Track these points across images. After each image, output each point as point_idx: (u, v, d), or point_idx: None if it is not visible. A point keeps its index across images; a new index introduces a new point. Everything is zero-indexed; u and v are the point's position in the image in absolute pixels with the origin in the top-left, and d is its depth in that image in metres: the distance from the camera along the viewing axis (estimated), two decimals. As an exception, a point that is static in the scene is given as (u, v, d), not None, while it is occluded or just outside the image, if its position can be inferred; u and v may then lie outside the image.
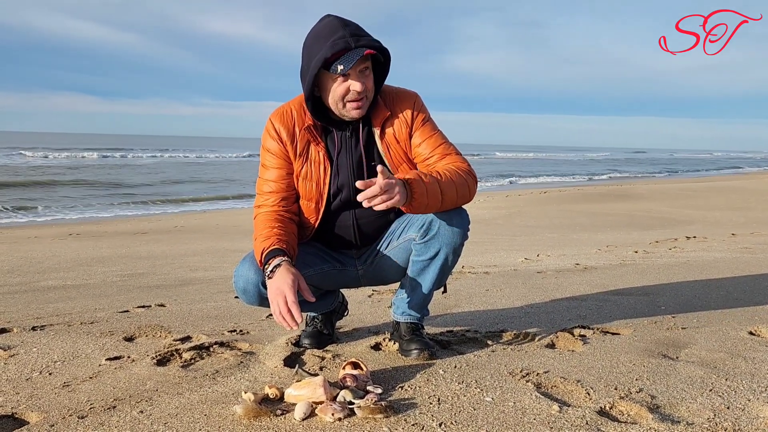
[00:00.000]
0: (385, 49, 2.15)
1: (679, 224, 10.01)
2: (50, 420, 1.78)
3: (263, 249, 2.12)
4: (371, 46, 2.08)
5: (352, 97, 2.15)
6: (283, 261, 2.07)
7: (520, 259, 5.62)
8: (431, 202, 2.08)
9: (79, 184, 20.83)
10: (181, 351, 2.41)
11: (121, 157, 41.96)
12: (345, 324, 2.87)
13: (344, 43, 2.05)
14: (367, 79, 2.16)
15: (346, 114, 2.20)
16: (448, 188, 2.12)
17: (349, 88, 2.13)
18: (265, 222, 2.24)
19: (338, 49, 2.05)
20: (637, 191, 17.39)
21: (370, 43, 2.08)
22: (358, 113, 2.19)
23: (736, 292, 3.70)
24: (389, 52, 2.17)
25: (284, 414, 1.79)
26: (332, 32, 2.08)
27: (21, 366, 2.29)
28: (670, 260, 5.32)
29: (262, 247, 2.14)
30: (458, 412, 1.80)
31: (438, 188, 2.08)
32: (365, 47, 2.06)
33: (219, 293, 3.98)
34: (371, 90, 2.20)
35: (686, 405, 1.84)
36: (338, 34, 2.07)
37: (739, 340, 2.52)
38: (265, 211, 2.28)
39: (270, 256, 2.09)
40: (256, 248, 2.18)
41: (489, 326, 2.84)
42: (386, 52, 2.17)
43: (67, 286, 4.44)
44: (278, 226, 2.22)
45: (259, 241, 2.18)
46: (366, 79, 2.15)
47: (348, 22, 2.12)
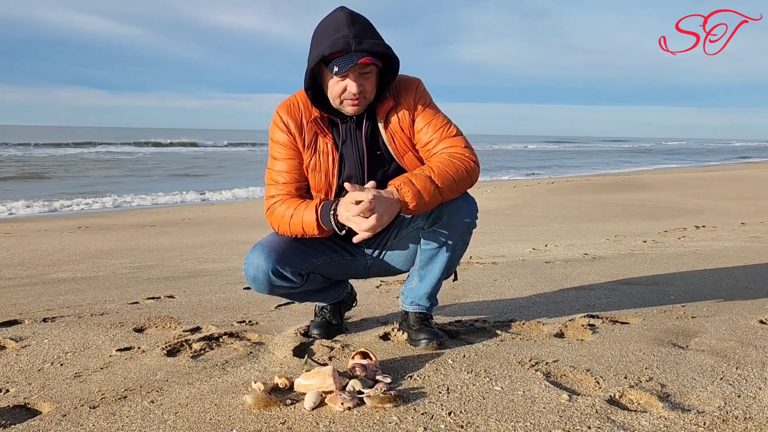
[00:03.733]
0: (389, 54, 2.11)
1: (688, 214, 9.95)
2: (62, 410, 1.79)
3: (315, 207, 2.15)
4: (372, 50, 2.05)
5: (348, 95, 2.13)
6: (338, 199, 2.11)
7: (528, 250, 5.61)
8: (430, 200, 2.08)
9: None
10: (190, 342, 2.42)
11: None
12: (354, 314, 2.88)
13: (344, 44, 2.03)
14: (367, 81, 2.13)
15: (342, 110, 2.20)
16: (445, 181, 2.10)
17: (346, 87, 2.12)
18: (289, 202, 2.24)
19: (337, 49, 2.03)
20: (646, 181, 17.28)
21: (372, 48, 2.04)
22: (354, 111, 2.18)
23: (746, 281, 3.68)
24: (395, 56, 2.12)
25: (294, 403, 1.79)
26: (337, 29, 2.05)
27: (33, 357, 2.31)
28: (680, 249, 5.30)
29: (313, 206, 2.16)
30: (467, 401, 1.80)
31: (432, 185, 2.07)
32: (365, 51, 2.03)
33: (228, 284, 4.00)
34: (371, 92, 2.17)
35: (696, 393, 1.83)
36: (341, 33, 2.04)
37: (749, 329, 2.51)
38: (283, 198, 2.27)
39: (327, 207, 2.13)
40: (299, 218, 2.18)
41: (497, 316, 2.83)
42: (389, 57, 2.12)
43: (77, 279, 4.46)
44: (309, 200, 2.24)
45: (300, 209, 2.18)
46: (365, 81, 2.12)
47: (357, 20, 2.07)
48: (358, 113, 2.21)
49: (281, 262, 2.21)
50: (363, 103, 2.17)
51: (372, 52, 2.06)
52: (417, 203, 2.05)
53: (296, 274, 2.26)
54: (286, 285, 2.27)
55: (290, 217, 2.20)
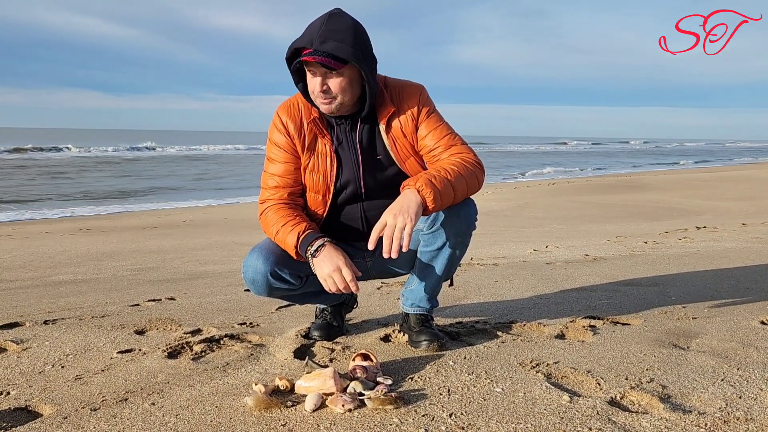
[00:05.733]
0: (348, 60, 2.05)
1: (688, 214, 9.94)
2: (63, 412, 1.79)
3: (299, 234, 2.15)
4: (331, 53, 2.02)
5: (315, 95, 2.15)
6: (326, 241, 2.12)
7: (528, 251, 5.60)
8: (445, 202, 2.09)
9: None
10: (191, 344, 2.42)
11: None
12: (354, 316, 2.88)
13: (307, 41, 2.05)
14: (331, 80, 2.11)
15: (318, 107, 2.20)
16: (458, 184, 2.11)
17: (315, 84, 2.13)
18: (280, 212, 2.24)
19: (301, 45, 2.06)
20: (646, 182, 17.28)
21: (333, 50, 2.02)
22: (326, 109, 2.18)
23: (747, 281, 3.67)
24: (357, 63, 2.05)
25: (295, 405, 1.79)
26: (313, 26, 2.07)
27: (34, 359, 2.31)
28: (680, 250, 5.29)
29: (297, 231, 2.15)
30: (468, 402, 1.80)
31: (450, 187, 2.08)
32: (325, 52, 2.02)
33: (228, 286, 4.00)
34: (340, 92, 2.13)
35: (698, 394, 1.83)
36: (311, 30, 2.06)
37: (750, 330, 2.51)
38: (275, 204, 2.28)
39: (310, 239, 2.13)
40: (284, 237, 2.18)
41: (498, 317, 2.83)
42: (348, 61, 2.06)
43: (78, 281, 4.47)
44: (298, 215, 2.24)
45: (287, 229, 2.18)
46: (330, 81, 2.10)
47: (334, 21, 2.06)
48: (334, 113, 2.21)
49: (279, 265, 2.21)
50: (334, 103, 2.16)
51: (331, 56, 2.03)
52: (435, 205, 2.05)
53: (295, 276, 2.26)
54: (285, 287, 2.27)
55: (276, 232, 2.22)
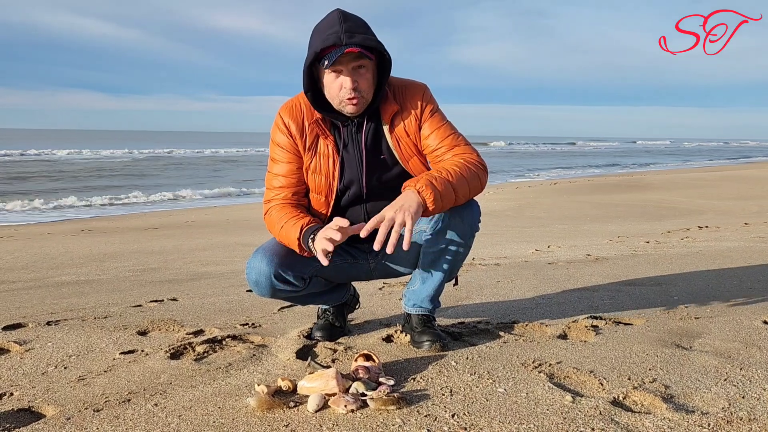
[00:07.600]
0: (380, 50, 2.12)
1: (690, 214, 9.93)
2: (66, 413, 1.80)
3: (302, 226, 2.15)
4: (363, 44, 2.06)
5: (344, 94, 2.14)
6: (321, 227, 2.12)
7: (530, 251, 5.60)
8: (446, 203, 2.09)
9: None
10: (194, 344, 2.42)
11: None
12: (356, 316, 2.88)
13: (335, 39, 2.05)
14: (361, 77, 2.13)
15: (342, 109, 2.20)
16: (460, 185, 2.11)
17: (342, 84, 2.13)
18: (284, 211, 2.25)
19: (328, 44, 2.06)
20: (648, 181, 17.26)
21: (363, 42, 2.06)
22: (353, 110, 2.18)
23: (750, 281, 3.67)
24: (387, 53, 2.14)
25: (297, 406, 1.79)
26: (329, 26, 2.09)
27: (37, 360, 2.31)
28: (683, 250, 5.29)
29: (300, 224, 2.16)
30: (471, 403, 1.80)
31: (451, 188, 2.08)
32: (356, 45, 2.04)
33: (231, 287, 4.00)
34: (367, 89, 2.16)
35: (700, 394, 1.83)
36: (333, 29, 2.07)
37: (753, 330, 2.50)
38: (279, 204, 2.28)
39: (312, 230, 2.13)
40: (287, 231, 2.18)
41: (500, 317, 2.83)
42: (380, 52, 2.13)
43: (80, 282, 4.47)
44: (302, 213, 2.24)
45: (290, 223, 2.18)
46: (359, 77, 2.13)
47: (348, 18, 2.10)
48: (358, 113, 2.21)
49: (283, 266, 2.21)
50: (361, 102, 2.17)
51: (364, 47, 2.07)
52: (435, 206, 2.05)
53: (298, 278, 2.26)
54: (289, 289, 2.27)
55: (280, 228, 2.22)
